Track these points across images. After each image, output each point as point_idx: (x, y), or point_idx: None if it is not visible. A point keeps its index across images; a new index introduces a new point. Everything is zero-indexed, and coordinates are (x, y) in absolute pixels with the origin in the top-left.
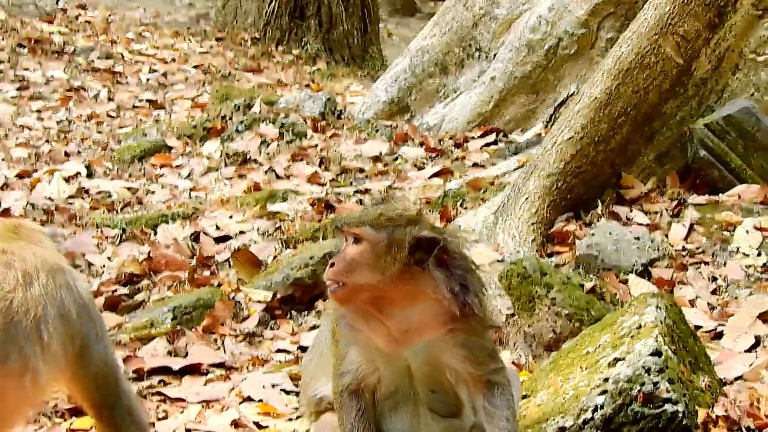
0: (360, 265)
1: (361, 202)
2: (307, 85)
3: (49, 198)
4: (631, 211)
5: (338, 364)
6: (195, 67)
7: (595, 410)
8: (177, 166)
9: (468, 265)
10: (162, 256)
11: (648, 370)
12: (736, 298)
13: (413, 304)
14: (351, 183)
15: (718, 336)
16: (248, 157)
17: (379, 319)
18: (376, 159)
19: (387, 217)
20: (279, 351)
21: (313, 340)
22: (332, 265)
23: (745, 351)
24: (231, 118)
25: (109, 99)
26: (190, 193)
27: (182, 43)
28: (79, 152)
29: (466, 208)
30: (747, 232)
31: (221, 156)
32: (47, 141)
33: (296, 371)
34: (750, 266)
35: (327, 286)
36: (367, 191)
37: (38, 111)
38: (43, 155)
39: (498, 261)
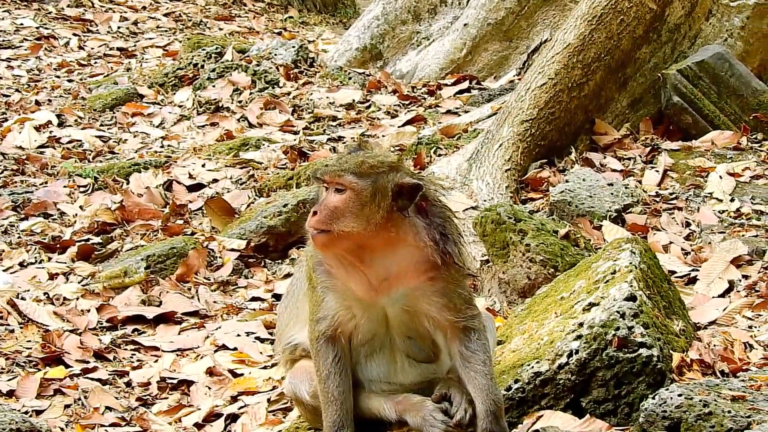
0: (344, 214)
1: (334, 149)
2: (279, 33)
3: (20, 147)
4: (605, 157)
5: (315, 310)
6: (166, 15)
7: (570, 355)
8: (149, 115)
9: (446, 213)
10: (135, 205)
11: (623, 315)
12: (709, 243)
13: (394, 252)
14: (324, 131)
15: (692, 281)
16: (220, 105)
17: (358, 267)
18: (349, 107)
19: (369, 164)
20: (253, 299)
21: (288, 287)
22: (314, 213)
23: (719, 296)
24: (203, 67)
25: (80, 47)
26: (162, 142)
27: None
28: (49, 101)
29: (439, 155)
30: (720, 177)
31: (193, 104)
32: (17, 90)
33: (271, 319)
34: (723, 211)
35: (309, 233)
36: (340, 139)
37: (8, 60)
38: (13, 104)
39: (472, 208)
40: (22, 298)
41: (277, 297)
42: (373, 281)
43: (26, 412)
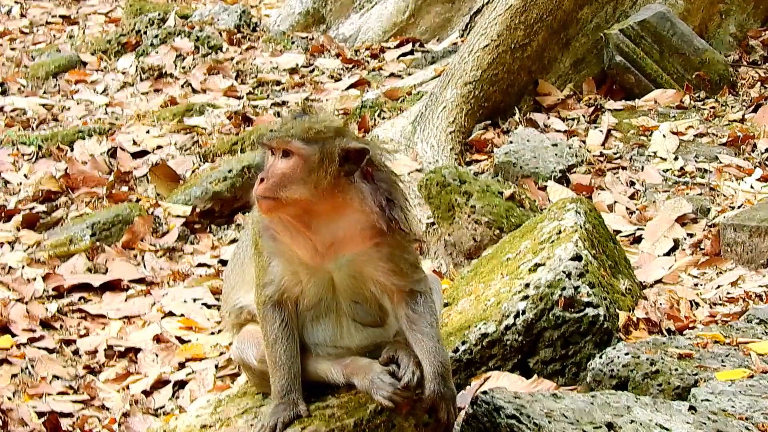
0: (291, 180)
1: (278, 114)
2: None
3: None
4: (549, 118)
5: (261, 275)
6: None
7: (516, 316)
8: (92, 82)
9: (392, 178)
10: (79, 173)
11: (568, 275)
12: (654, 202)
13: (339, 218)
14: (267, 95)
15: (638, 240)
16: (164, 71)
17: (303, 233)
18: (293, 71)
19: (316, 130)
20: (199, 265)
21: (234, 251)
22: (262, 180)
23: (664, 254)
24: (145, 33)
25: (22, 15)
26: (106, 109)
27: None
28: None
29: (384, 118)
30: (664, 136)
31: (136, 71)
32: None
33: (217, 285)
34: (667, 170)
35: (255, 198)
36: (284, 103)
37: None
38: None
39: (417, 170)
40: None
41: (224, 263)
42: (319, 247)
43: None
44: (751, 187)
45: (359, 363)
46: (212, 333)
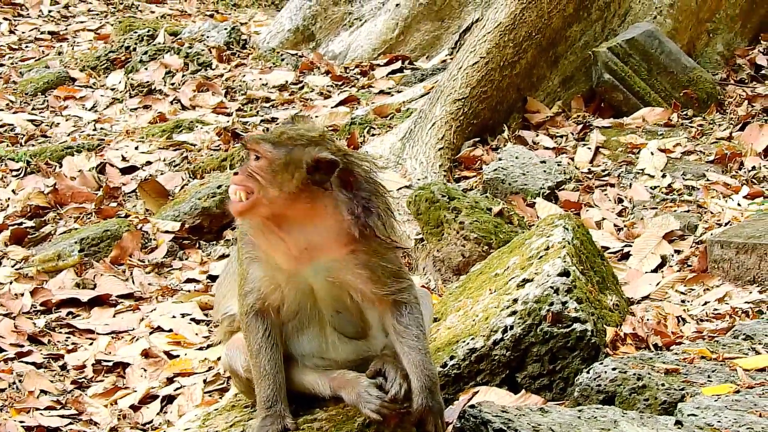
0: (257, 180)
1: (267, 131)
2: (211, 16)
3: None
4: (537, 135)
5: (242, 284)
6: None
7: (504, 331)
8: (81, 98)
9: (374, 188)
10: (68, 188)
11: (556, 290)
12: (641, 219)
13: (313, 224)
14: (257, 112)
15: (625, 256)
16: (153, 87)
17: (277, 235)
18: (282, 88)
19: (288, 136)
20: (188, 281)
21: (227, 261)
22: (236, 174)
23: (652, 271)
24: (134, 50)
25: (11, 31)
26: (94, 125)
27: None
28: None
29: (373, 135)
30: (652, 153)
31: (125, 87)
32: None
33: (206, 301)
34: (655, 187)
35: (229, 196)
36: (273, 120)
37: None
38: None
39: (406, 187)
40: None
41: (212, 278)
42: (293, 250)
43: None
44: (738, 204)
45: (346, 376)
46: (200, 348)
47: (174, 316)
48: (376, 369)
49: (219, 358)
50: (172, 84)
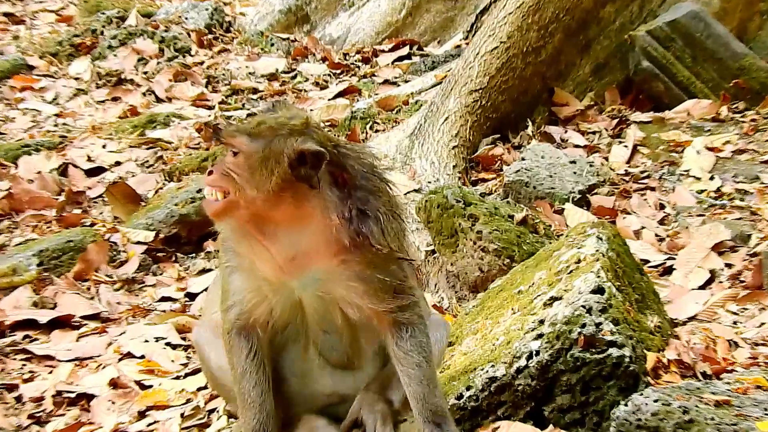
0: (234, 177)
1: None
2: None
3: None
4: (566, 131)
5: (224, 297)
6: None
7: (529, 357)
8: (40, 89)
9: (374, 186)
10: (25, 193)
11: (589, 310)
12: (686, 227)
13: (300, 228)
14: (243, 105)
15: (668, 271)
16: (123, 77)
17: (261, 243)
18: (272, 77)
19: (267, 126)
20: (163, 299)
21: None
22: (210, 173)
23: (699, 287)
24: (102, 33)
25: None
26: (56, 120)
27: None
28: None
29: (377, 131)
30: (698, 152)
31: (91, 76)
32: None
33: (183, 322)
34: (702, 191)
35: (204, 197)
36: None
37: None
38: None
39: (415, 190)
40: None
41: (191, 296)
42: (279, 259)
43: None
44: None
45: (313, 424)
46: (177, 377)
47: (147, 341)
48: (351, 420)
49: (199, 389)
50: (145, 73)
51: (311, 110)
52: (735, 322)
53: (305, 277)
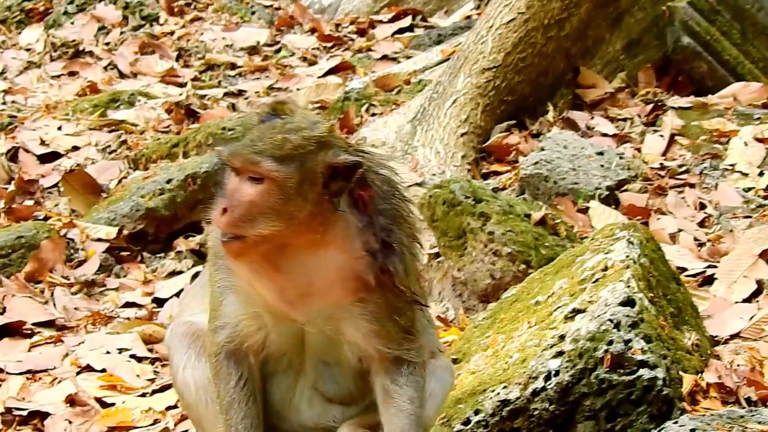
0: (262, 211)
1: (233, 107)
2: None
3: None
4: (593, 117)
5: (213, 315)
6: None
7: (548, 378)
8: None
9: (396, 210)
10: None
11: (617, 325)
12: (730, 231)
13: (317, 259)
14: (219, 82)
15: (709, 281)
16: (81, 48)
17: (271, 274)
18: (252, 51)
19: (294, 144)
20: (127, 305)
21: (203, 270)
22: (224, 211)
23: (744, 300)
24: None
25: None
26: (3, 97)
27: None
28: None
29: (374, 114)
30: (745, 144)
31: (45, 47)
32: None
33: (151, 331)
34: (749, 189)
35: (215, 232)
36: (240, 93)
37: None
38: None
39: (417, 184)
40: None
41: (159, 302)
42: (289, 293)
43: None
44: None
45: None
46: (143, 394)
47: (108, 352)
48: None
49: (168, 407)
50: (107, 44)
51: (298, 89)
52: None
53: (313, 311)
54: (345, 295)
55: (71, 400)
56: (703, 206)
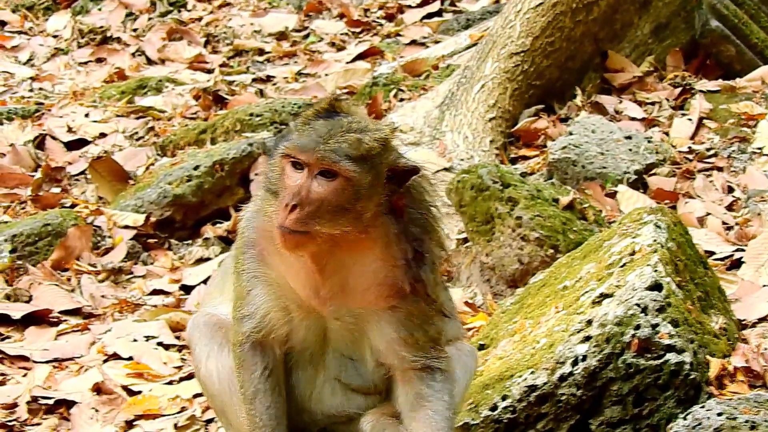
0: (336, 209)
1: (261, 93)
2: None
3: None
4: (621, 101)
5: (238, 305)
6: None
7: (575, 363)
8: (13, 48)
9: (426, 220)
10: None
11: (644, 309)
12: (758, 214)
13: (356, 262)
14: (247, 68)
15: (737, 264)
16: (109, 35)
17: (311, 270)
18: (281, 36)
19: (368, 145)
20: (154, 292)
21: (227, 257)
22: (293, 208)
23: None
24: None
25: None
26: (31, 84)
27: None
28: None
29: (402, 99)
30: None
31: (72, 34)
32: None
33: (178, 319)
34: None
35: (279, 232)
36: (269, 79)
37: None
38: None
39: (445, 169)
40: None
41: (186, 289)
42: (324, 290)
43: None
44: None
45: None
46: (170, 382)
47: (135, 340)
48: None
49: (195, 395)
50: (135, 30)
51: (326, 75)
52: None
53: (343, 311)
54: (378, 300)
55: (98, 389)
56: (731, 190)
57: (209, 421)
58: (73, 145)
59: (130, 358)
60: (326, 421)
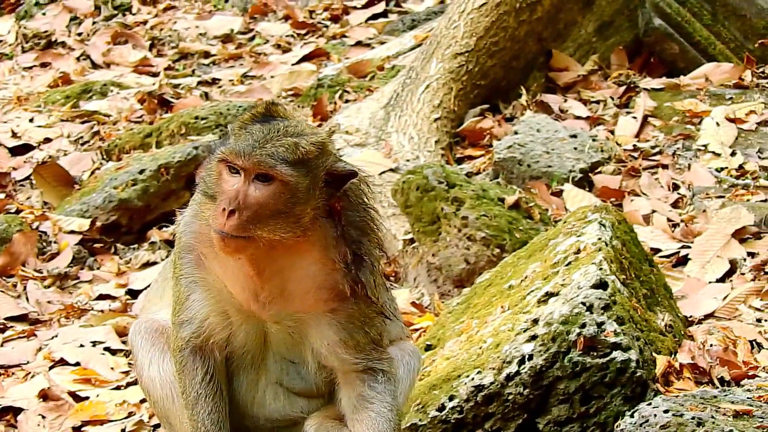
0: (273, 213)
1: (206, 95)
2: None
3: None
4: (566, 100)
5: (177, 310)
6: None
7: (521, 362)
8: None
9: (364, 222)
10: None
11: (590, 308)
12: (704, 211)
13: (294, 266)
14: (193, 71)
15: (682, 261)
16: (53, 39)
17: (249, 274)
18: (226, 39)
19: (304, 149)
20: (101, 297)
21: (165, 264)
22: (231, 213)
23: (717, 280)
24: None
25: None
26: None
27: None
28: None
29: (347, 101)
30: (717, 124)
31: (16, 38)
32: None
33: (125, 323)
34: (721, 169)
35: (217, 236)
36: (214, 81)
37: None
38: None
39: (391, 170)
40: None
41: (133, 294)
42: (263, 295)
43: None
44: None
45: None
46: (117, 387)
47: (82, 345)
48: None
49: (143, 400)
50: (79, 34)
51: (272, 77)
52: (759, 320)
53: (282, 315)
54: (318, 303)
55: (44, 395)
56: (676, 187)
57: (157, 426)
58: (17, 151)
59: (77, 364)
60: (269, 425)
